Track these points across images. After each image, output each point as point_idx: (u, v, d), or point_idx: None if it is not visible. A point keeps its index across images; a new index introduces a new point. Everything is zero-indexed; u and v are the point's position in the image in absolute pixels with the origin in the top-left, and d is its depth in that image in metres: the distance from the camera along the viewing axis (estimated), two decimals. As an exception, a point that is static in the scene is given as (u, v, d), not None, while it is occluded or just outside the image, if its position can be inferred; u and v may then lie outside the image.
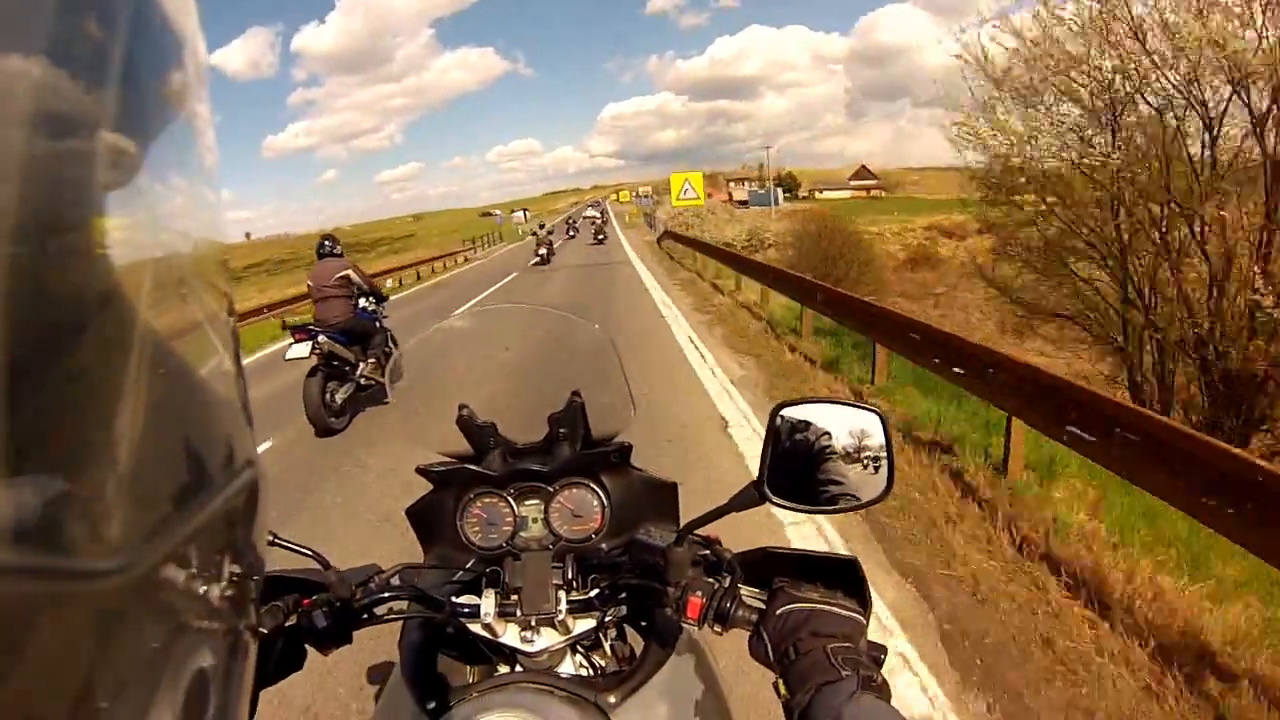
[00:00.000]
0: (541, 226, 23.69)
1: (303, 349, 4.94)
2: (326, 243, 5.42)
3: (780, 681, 0.66)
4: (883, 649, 0.70)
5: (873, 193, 75.33)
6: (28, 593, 0.18)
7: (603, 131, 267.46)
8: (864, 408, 0.74)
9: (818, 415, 0.73)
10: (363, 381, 5.40)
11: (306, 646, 0.80)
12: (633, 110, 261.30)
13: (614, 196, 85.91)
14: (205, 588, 0.26)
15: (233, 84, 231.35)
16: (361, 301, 5.45)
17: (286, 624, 0.78)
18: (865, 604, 0.72)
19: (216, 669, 0.26)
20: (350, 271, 5.32)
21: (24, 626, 0.18)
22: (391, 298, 6.27)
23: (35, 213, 0.19)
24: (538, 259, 19.23)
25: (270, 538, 0.74)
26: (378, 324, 5.61)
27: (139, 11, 0.23)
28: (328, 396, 5.08)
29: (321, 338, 4.99)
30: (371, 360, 5.49)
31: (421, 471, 0.92)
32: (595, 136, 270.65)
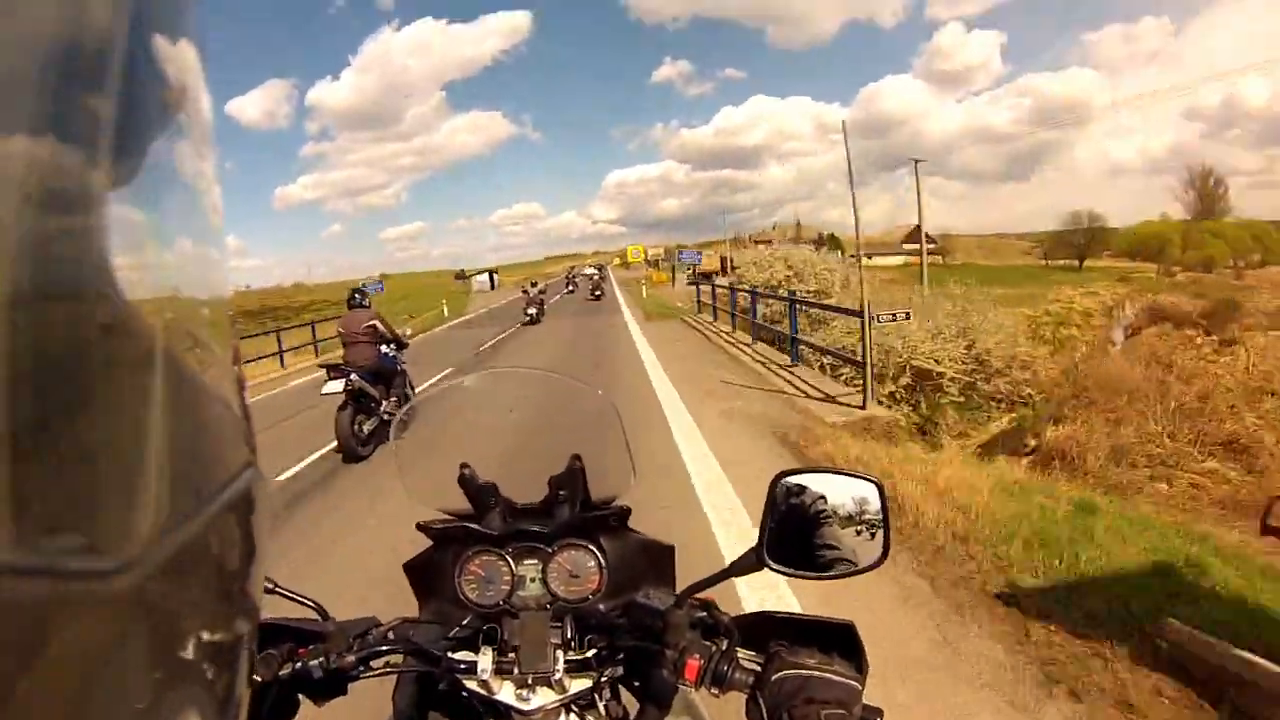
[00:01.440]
0: (534, 285, 24.05)
1: (337, 385, 5.96)
2: (356, 295, 6.54)
3: None
4: (879, 712, 0.72)
5: (928, 259, 70.91)
6: (31, 592, 0.19)
7: (606, 198, 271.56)
8: (862, 477, 0.77)
9: (816, 483, 0.76)
10: (385, 417, 6.36)
11: (300, 697, 0.83)
12: (636, 178, 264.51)
13: (616, 261, 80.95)
14: (206, 591, 0.28)
15: (248, 133, 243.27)
16: (383, 348, 6.50)
17: (281, 673, 0.80)
18: (862, 668, 0.75)
19: (213, 672, 0.28)
20: (376, 322, 6.40)
21: (27, 626, 0.19)
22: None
23: (26, 237, 0.20)
24: (527, 318, 20.06)
25: (269, 585, 0.76)
26: (399, 368, 6.64)
27: (138, 76, 0.24)
28: (356, 427, 6.03)
29: (353, 376, 6.00)
30: (394, 399, 6.48)
31: (422, 528, 0.95)
32: (599, 202, 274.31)
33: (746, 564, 0.75)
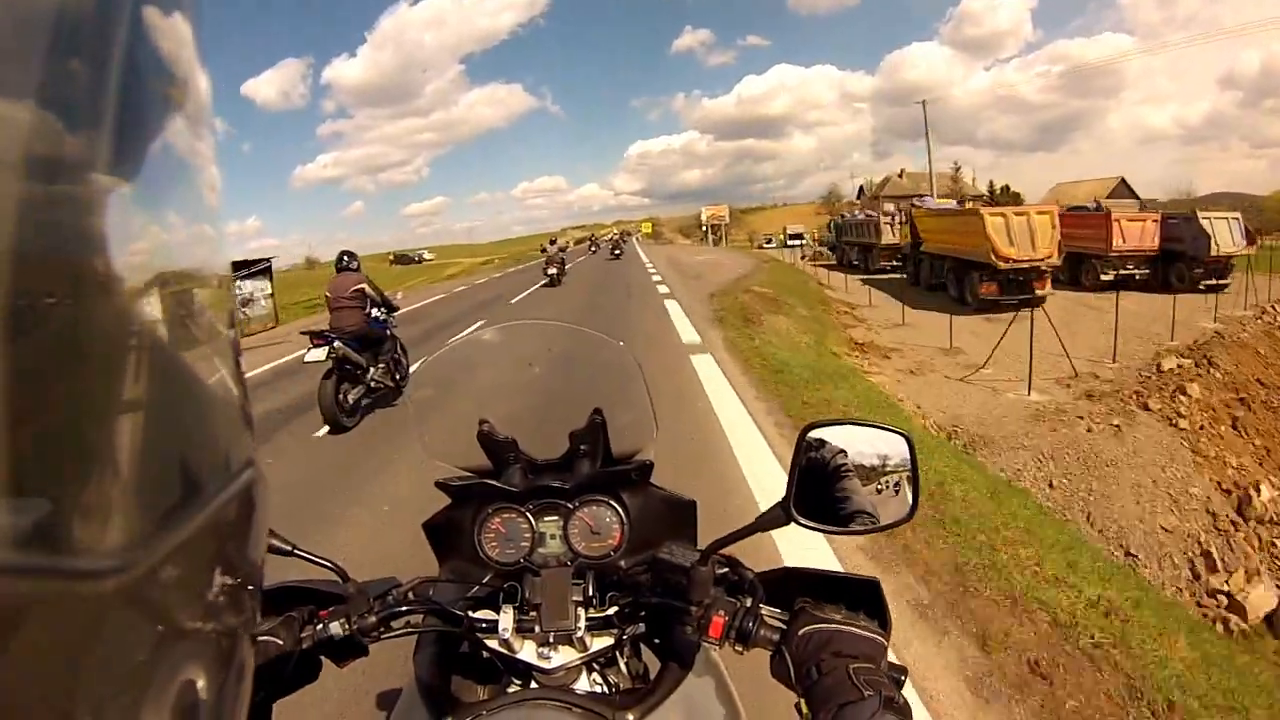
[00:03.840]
0: (553, 243, 21.66)
1: (320, 353, 5.77)
2: (345, 257, 6.32)
3: (802, 701, 0.69)
4: (903, 670, 0.72)
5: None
6: (28, 592, 0.19)
7: (629, 169, 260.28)
8: (891, 430, 0.76)
9: (845, 436, 0.75)
10: (373, 385, 6.13)
11: (322, 658, 0.84)
12: (659, 149, 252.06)
13: (644, 229, 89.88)
14: (204, 589, 0.27)
15: (264, 114, 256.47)
16: (374, 312, 6.23)
17: (302, 635, 0.81)
18: (886, 625, 0.75)
19: (211, 674, 0.27)
20: (365, 285, 6.14)
21: (24, 626, 0.19)
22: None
23: (24, 236, 0.20)
24: (547, 280, 18.97)
25: (289, 548, 0.80)
26: (388, 332, 6.36)
27: (133, 53, 0.24)
28: (341, 396, 5.86)
29: (337, 343, 5.80)
30: (381, 365, 6.24)
31: (441, 485, 0.95)
32: (621, 174, 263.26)
33: (773, 519, 0.73)
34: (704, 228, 70.95)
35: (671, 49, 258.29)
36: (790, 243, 51.12)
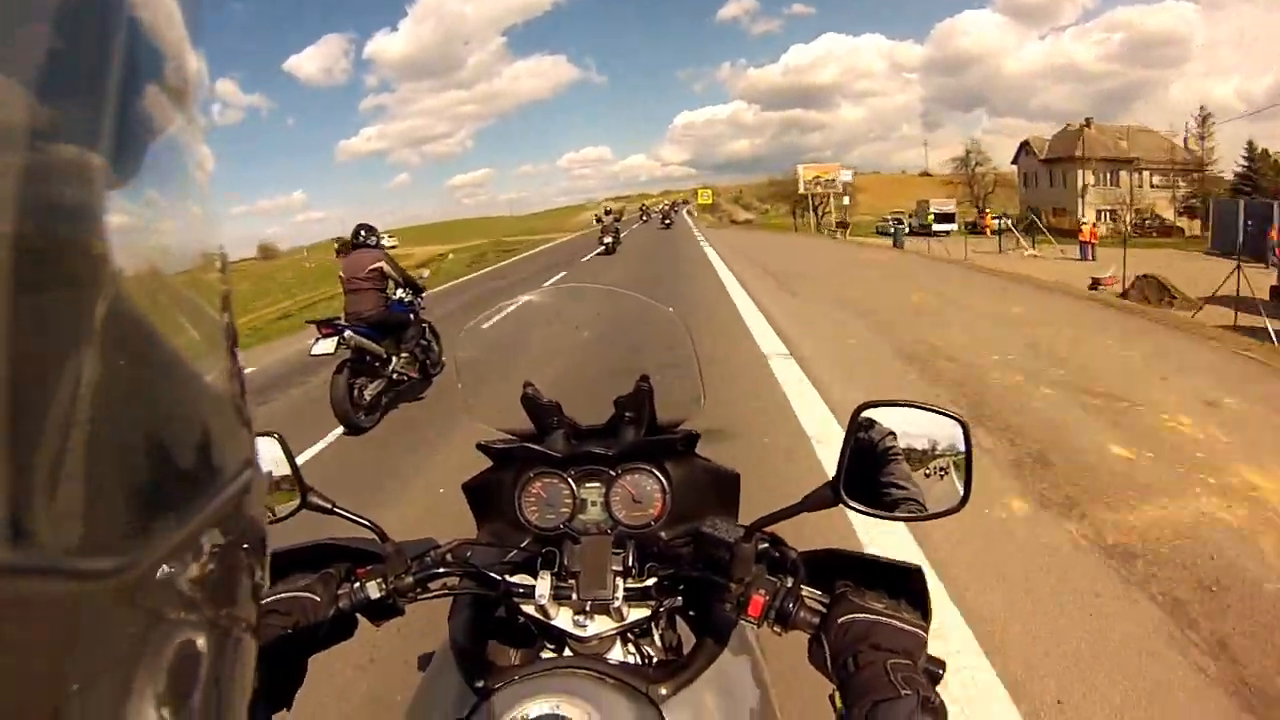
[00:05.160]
0: (608, 213, 21.70)
1: (328, 344, 4.89)
2: (362, 232, 5.42)
3: (836, 694, 0.68)
4: (941, 664, 0.72)
5: None
6: (27, 592, 0.19)
7: (674, 140, 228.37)
8: (948, 414, 0.74)
9: (899, 419, 0.73)
10: (395, 376, 5.17)
11: (358, 616, 0.84)
12: (705, 119, 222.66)
13: (701, 198, 76.79)
14: (204, 589, 0.27)
15: (307, 89, 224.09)
16: (399, 293, 5.29)
17: (339, 592, 0.82)
18: (927, 615, 0.74)
19: (211, 675, 0.27)
20: (384, 264, 5.22)
21: (22, 626, 0.19)
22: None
23: (23, 228, 0.19)
24: (602, 248, 19.60)
25: (329, 505, 0.83)
26: (413, 316, 5.37)
27: (128, 28, 0.23)
28: (355, 393, 4.96)
29: (348, 333, 4.92)
30: (405, 354, 5.26)
31: (482, 448, 0.96)
32: (667, 145, 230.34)
33: (822, 499, 0.73)
34: (807, 198, 44.02)
35: (716, 18, 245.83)
36: (937, 226, 38.43)
